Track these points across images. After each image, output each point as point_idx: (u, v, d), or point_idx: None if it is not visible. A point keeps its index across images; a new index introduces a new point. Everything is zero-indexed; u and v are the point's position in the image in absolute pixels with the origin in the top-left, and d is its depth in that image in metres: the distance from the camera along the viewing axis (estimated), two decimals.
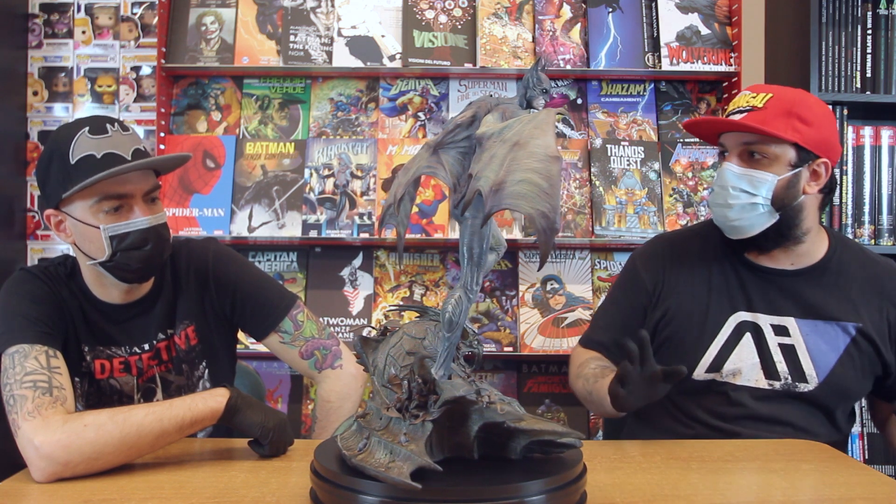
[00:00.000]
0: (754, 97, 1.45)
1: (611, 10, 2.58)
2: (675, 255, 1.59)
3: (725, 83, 2.57)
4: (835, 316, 1.48)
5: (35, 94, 2.71)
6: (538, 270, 2.48)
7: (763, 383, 1.49)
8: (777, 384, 1.49)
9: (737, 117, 1.44)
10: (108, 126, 1.33)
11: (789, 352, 1.48)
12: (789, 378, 1.48)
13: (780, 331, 1.49)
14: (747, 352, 1.49)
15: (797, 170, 1.43)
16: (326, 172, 2.50)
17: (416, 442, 0.92)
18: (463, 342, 1.05)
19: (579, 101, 2.61)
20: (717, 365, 1.50)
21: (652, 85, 2.61)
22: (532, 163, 0.85)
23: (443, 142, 0.97)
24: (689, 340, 1.52)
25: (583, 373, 1.53)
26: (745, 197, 1.43)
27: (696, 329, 1.52)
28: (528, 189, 0.84)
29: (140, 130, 2.65)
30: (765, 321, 1.50)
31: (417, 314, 1.10)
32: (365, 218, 2.46)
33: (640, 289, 1.58)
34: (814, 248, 1.51)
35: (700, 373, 1.50)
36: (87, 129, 1.31)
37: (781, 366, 1.48)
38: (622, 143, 2.54)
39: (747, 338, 1.50)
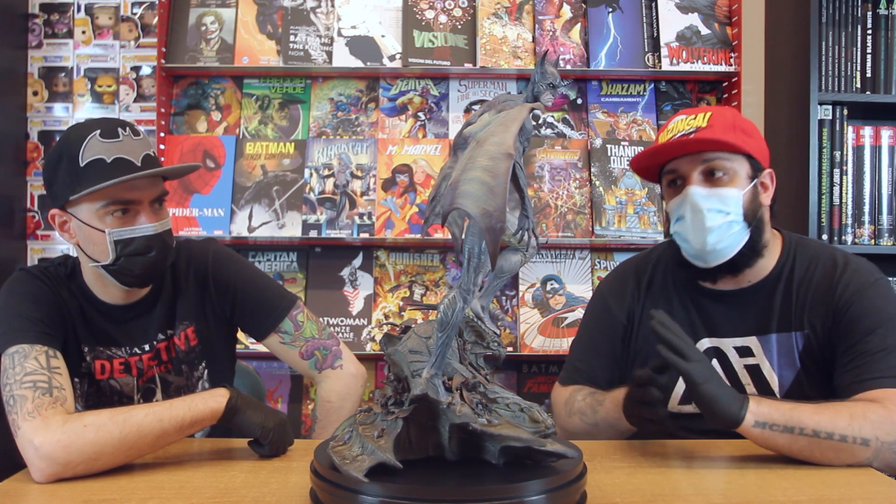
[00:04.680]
0: (694, 118, 1.41)
1: (611, 10, 2.58)
2: (642, 287, 1.54)
3: (725, 83, 2.57)
4: (787, 327, 1.42)
5: (35, 94, 2.71)
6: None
7: None
8: None
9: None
10: (120, 130, 1.32)
11: (755, 372, 1.43)
12: None
13: (744, 352, 1.44)
14: None
15: (754, 181, 1.40)
16: (326, 172, 2.50)
17: (387, 438, 0.92)
18: (479, 343, 1.05)
19: (579, 101, 2.61)
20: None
21: (652, 85, 2.61)
22: (484, 160, 0.83)
23: (457, 142, 0.97)
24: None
25: (574, 409, 1.46)
26: (720, 216, 1.37)
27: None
28: (477, 188, 0.82)
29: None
30: (728, 344, 1.45)
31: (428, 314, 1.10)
32: (365, 218, 2.46)
33: (615, 322, 1.54)
34: (769, 259, 1.46)
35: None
36: (98, 131, 1.31)
37: (750, 388, 1.43)
38: (622, 143, 2.54)
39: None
